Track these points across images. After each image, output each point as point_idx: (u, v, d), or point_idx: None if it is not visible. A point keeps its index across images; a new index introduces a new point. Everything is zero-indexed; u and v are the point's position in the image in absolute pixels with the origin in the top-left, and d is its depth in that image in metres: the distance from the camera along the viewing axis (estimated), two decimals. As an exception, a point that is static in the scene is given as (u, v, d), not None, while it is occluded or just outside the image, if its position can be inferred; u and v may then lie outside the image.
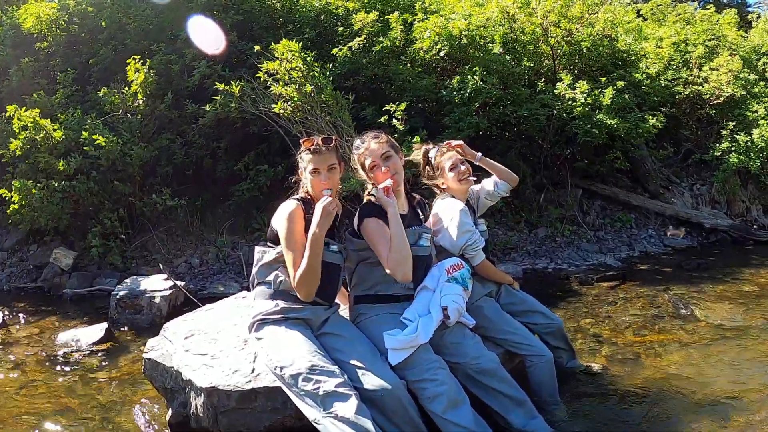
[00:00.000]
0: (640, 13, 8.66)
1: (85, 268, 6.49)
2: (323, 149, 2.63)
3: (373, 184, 2.82)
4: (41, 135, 5.99)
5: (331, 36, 7.41)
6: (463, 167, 3.11)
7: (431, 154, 3.22)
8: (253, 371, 2.67)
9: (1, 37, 7.54)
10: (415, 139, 6.24)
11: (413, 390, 2.47)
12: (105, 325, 4.66)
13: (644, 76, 6.84)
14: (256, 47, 6.24)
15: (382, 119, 6.21)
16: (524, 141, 7.40)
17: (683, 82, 6.97)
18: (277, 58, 6.12)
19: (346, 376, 2.37)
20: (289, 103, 6.03)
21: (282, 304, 2.58)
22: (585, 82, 6.20)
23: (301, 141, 2.71)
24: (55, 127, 6.23)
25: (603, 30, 6.69)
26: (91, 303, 5.69)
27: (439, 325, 2.66)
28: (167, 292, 5.31)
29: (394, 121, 6.15)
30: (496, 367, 2.66)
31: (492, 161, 3.38)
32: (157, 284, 5.42)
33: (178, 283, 5.56)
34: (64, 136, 6.16)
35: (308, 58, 6.06)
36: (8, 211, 5.98)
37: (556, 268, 6.28)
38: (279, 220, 2.61)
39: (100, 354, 4.20)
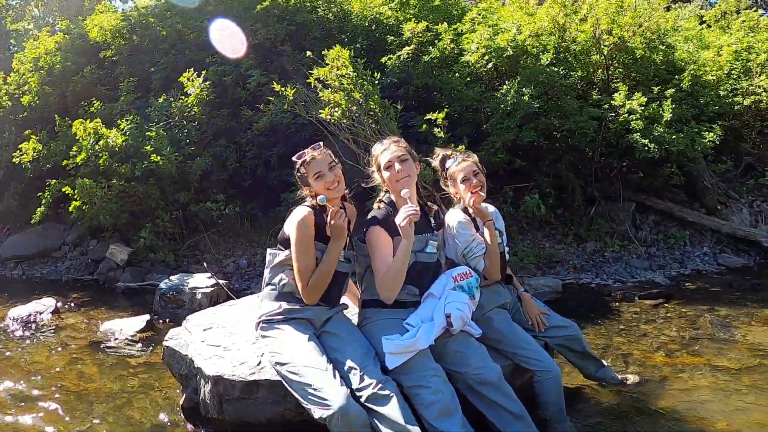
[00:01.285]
0: (704, 20, 8.23)
1: (138, 264, 6.88)
2: (316, 154, 2.72)
3: (386, 191, 2.87)
4: (101, 143, 6.40)
5: (381, 46, 7.53)
6: (475, 180, 3.04)
7: (448, 163, 3.19)
8: (258, 364, 2.77)
9: (68, 46, 8.11)
10: (459, 148, 6.24)
11: (408, 395, 2.47)
12: (147, 317, 4.93)
13: (702, 85, 6.49)
14: (308, 53, 6.42)
15: (423, 127, 6.24)
16: (575, 152, 7.19)
17: (743, 92, 6.57)
18: (328, 65, 6.29)
19: (338, 376, 2.42)
20: (336, 109, 6.15)
21: (285, 305, 2.68)
22: (641, 94, 5.95)
23: (294, 159, 2.79)
24: (117, 134, 6.65)
25: (658, 37, 6.41)
26: (141, 297, 6.03)
27: (443, 333, 2.65)
28: (209, 290, 5.53)
29: (435, 129, 6.16)
30: (497, 379, 2.62)
31: (493, 252, 3.02)
32: (201, 282, 5.67)
33: (223, 282, 5.78)
34: (124, 143, 6.57)
35: (358, 65, 6.17)
36: (70, 208, 6.43)
37: (601, 284, 6.05)
38: (290, 226, 2.69)
39: (138, 343, 4.46)
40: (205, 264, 6.53)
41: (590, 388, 3.31)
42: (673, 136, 5.87)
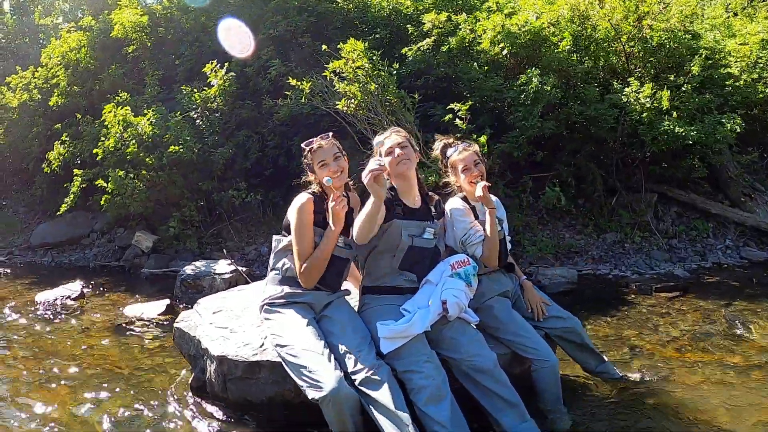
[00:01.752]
0: (729, 8, 7.96)
1: (163, 251, 7.09)
2: (324, 143, 2.82)
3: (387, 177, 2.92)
4: (130, 131, 6.60)
5: (401, 36, 7.54)
6: (476, 169, 3.07)
7: (449, 152, 3.21)
8: (261, 346, 2.87)
9: (92, 42, 8.36)
10: (480, 139, 6.22)
11: (401, 379, 2.53)
12: (167, 301, 5.11)
13: (726, 74, 6.31)
14: (324, 47, 6.49)
15: (446, 118, 6.25)
16: (595, 142, 7.10)
17: (768, 81, 6.37)
18: (344, 57, 6.35)
19: (333, 360, 2.50)
20: (352, 100, 6.21)
21: (287, 289, 2.77)
22: (651, 85, 5.84)
23: (303, 145, 2.90)
24: (146, 121, 6.85)
25: (679, 25, 6.25)
26: (164, 282, 6.21)
27: (440, 319, 2.69)
28: (228, 275, 5.69)
29: (457, 120, 6.16)
30: (492, 366, 2.63)
31: (492, 240, 2.98)
32: (221, 268, 5.82)
33: (243, 269, 5.93)
34: (152, 132, 6.76)
35: (374, 57, 6.21)
36: (102, 201, 6.66)
37: (618, 275, 5.98)
38: (291, 212, 2.79)
39: (156, 326, 4.62)
40: (224, 251, 6.69)
41: (590, 381, 3.29)
42: (684, 129, 5.73)
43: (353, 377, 2.48)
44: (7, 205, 9.06)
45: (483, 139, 5.92)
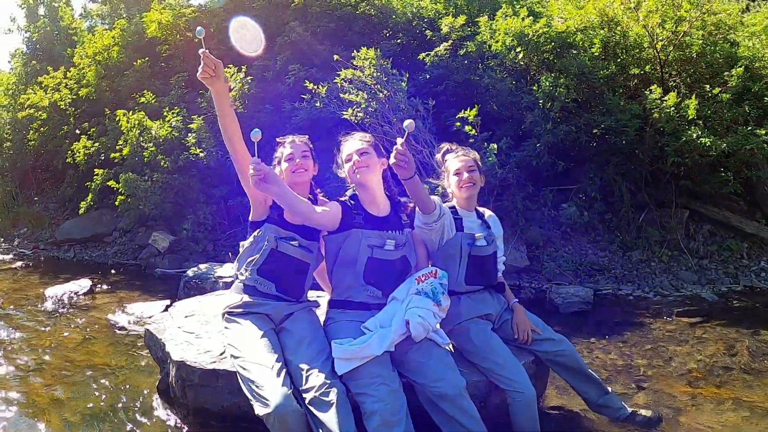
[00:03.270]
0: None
1: (179, 252, 7.14)
2: (296, 140, 2.79)
3: (350, 185, 2.79)
4: (146, 135, 6.71)
5: (423, 41, 7.40)
6: (466, 175, 2.90)
7: (447, 156, 3.06)
8: (221, 354, 2.77)
9: (124, 42, 8.57)
10: (490, 147, 6.01)
11: (356, 401, 2.37)
12: (167, 302, 5.11)
13: (766, 85, 5.87)
14: (335, 56, 6.43)
15: (456, 125, 6.07)
16: (623, 155, 6.75)
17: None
18: (356, 67, 6.28)
19: (283, 375, 2.36)
20: (358, 109, 6.12)
21: (246, 299, 2.67)
22: (675, 94, 5.50)
23: (277, 139, 2.86)
24: (163, 125, 6.95)
25: (720, 32, 5.86)
26: (174, 282, 6.21)
27: (406, 340, 2.50)
28: (230, 279, 5.61)
29: (467, 128, 5.97)
30: (456, 394, 2.41)
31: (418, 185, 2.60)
32: (225, 271, 5.75)
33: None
34: (168, 135, 6.85)
35: (385, 65, 6.10)
36: (116, 202, 6.79)
37: (640, 296, 5.62)
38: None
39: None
40: (230, 254, 6.67)
41: (588, 415, 3.00)
42: (713, 138, 5.35)
43: (303, 395, 2.33)
44: (38, 201, 9.41)
45: (493, 146, 5.70)
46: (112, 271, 6.82)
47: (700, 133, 5.30)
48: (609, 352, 4.04)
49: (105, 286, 5.95)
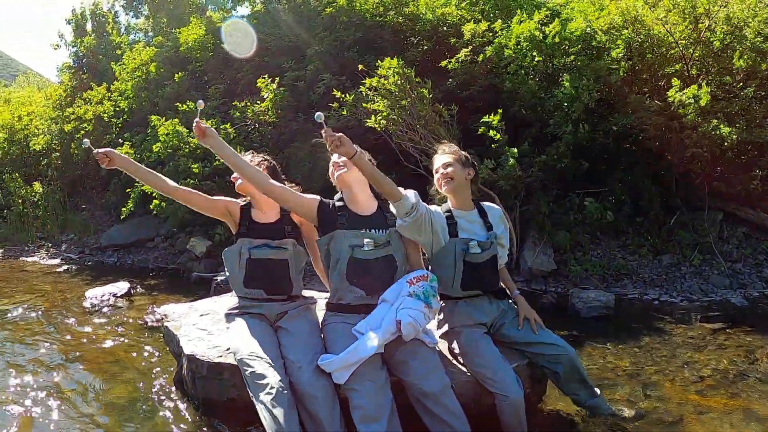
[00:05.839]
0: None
1: (215, 257, 7.44)
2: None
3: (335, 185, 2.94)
4: (176, 141, 7.05)
5: (447, 46, 7.49)
6: (441, 171, 2.92)
7: (434, 158, 3.15)
8: (228, 349, 2.94)
9: (161, 56, 9.02)
10: (511, 151, 6.03)
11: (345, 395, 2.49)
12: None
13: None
14: (360, 66, 6.59)
15: (480, 130, 6.11)
16: (653, 156, 6.63)
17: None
18: (381, 76, 6.42)
19: (277, 367, 2.52)
20: (380, 117, 6.24)
21: (242, 302, 2.96)
22: (695, 86, 5.37)
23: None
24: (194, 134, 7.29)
25: (740, 25, 5.68)
26: (209, 286, 6.48)
27: (395, 340, 2.59)
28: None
29: (491, 132, 6.02)
30: (439, 392, 2.47)
31: (368, 165, 2.63)
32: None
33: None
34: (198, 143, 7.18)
35: (407, 73, 6.21)
36: (151, 206, 7.15)
37: (666, 301, 5.50)
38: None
39: (179, 326, 4.84)
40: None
41: (577, 417, 3.00)
42: (728, 129, 5.19)
43: (295, 389, 2.47)
44: (86, 209, 9.98)
45: (514, 151, 5.72)
46: (152, 275, 7.19)
47: (716, 123, 5.17)
48: (622, 358, 3.97)
49: (142, 289, 6.29)
